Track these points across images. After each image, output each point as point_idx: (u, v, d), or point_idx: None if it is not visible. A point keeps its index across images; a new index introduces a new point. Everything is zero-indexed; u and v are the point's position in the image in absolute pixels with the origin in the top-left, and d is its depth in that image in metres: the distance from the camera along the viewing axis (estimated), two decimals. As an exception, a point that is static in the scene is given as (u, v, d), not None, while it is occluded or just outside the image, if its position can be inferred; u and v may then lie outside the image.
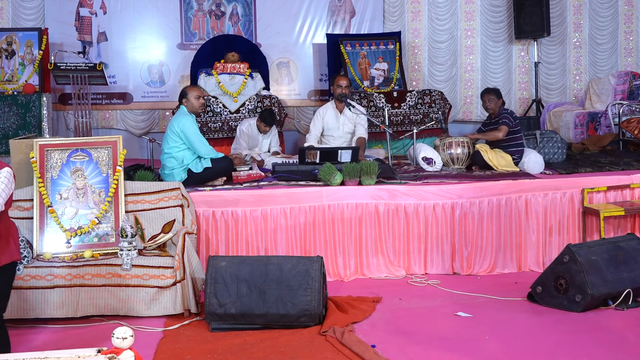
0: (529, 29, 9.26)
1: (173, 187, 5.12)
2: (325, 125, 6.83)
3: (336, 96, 6.73)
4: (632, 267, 4.50)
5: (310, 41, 9.34)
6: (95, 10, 8.89)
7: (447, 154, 6.44)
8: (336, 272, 5.35)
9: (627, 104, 8.08)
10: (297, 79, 9.33)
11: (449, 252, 5.43)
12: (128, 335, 2.43)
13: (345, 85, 6.69)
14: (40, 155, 4.94)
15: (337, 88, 6.71)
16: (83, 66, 7.81)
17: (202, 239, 5.27)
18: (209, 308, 4.19)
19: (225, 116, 7.89)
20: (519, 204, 5.53)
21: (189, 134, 5.68)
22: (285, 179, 5.78)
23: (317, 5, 9.32)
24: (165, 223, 4.92)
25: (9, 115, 7.76)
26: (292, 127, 9.09)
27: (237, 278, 4.23)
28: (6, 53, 8.23)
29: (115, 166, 5.00)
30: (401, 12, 9.51)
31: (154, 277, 4.47)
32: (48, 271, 4.42)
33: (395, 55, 8.80)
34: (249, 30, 9.19)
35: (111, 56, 8.92)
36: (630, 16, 9.83)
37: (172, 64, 9.07)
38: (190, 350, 3.88)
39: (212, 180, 5.82)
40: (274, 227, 5.32)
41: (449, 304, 4.63)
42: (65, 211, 4.90)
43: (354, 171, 5.50)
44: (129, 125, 8.95)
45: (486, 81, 9.51)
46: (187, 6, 9.09)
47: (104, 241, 4.87)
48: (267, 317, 4.18)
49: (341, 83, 6.70)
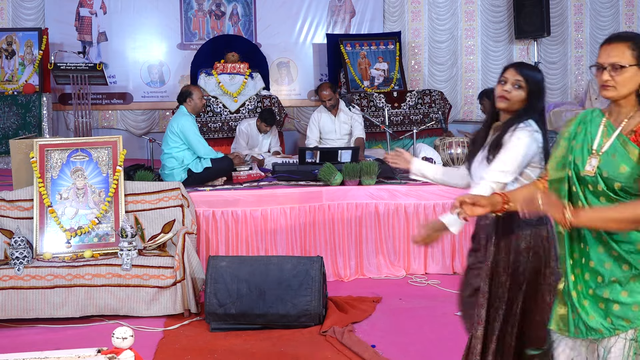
0: (529, 29, 9.25)
1: (173, 187, 5.12)
2: (322, 129, 6.81)
3: (327, 107, 6.72)
4: (632, 267, 4.50)
5: (310, 41, 9.33)
6: (95, 10, 8.89)
7: (447, 154, 6.44)
8: (336, 272, 5.35)
9: (627, 104, 8.07)
10: (297, 79, 9.32)
11: (449, 252, 5.43)
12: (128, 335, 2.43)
13: (327, 95, 6.60)
14: (40, 155, 4.93)
15: (322, 102, 6.71)
16: (83, 66, 7.80)
17: (202, 239, 5.27)
18: (209, 308, 4.19)
19: (225, 116, 7.88)
20: (519, 204, 5.52)
21: (188, 134, 5.68)
22: (285, 179, 5.77)
23: (317, 5, 9.31)
24: (165, 223, 4.92)
25: (9, 115, 7.76)
26: (292, 127, 9.09)
27: (237, 278, 4.22)
28: (6, 53, 8.23)
29: (115, 166, 5.00)
30: (401, 12, 9.51)
31: (154, 277, 4.47)
32: (48, 271, 4.42)
33: (395, 55, 8.79)
34: (249, 30, 9.19)
35: (111, 56, 8.92)
36: (631, 16, 9.82)
37: (172, 64, 9.06)
38: (190, 350, 3.88)
39: (212, 180, 5.82)
40: (274, 227, 5.32)
41: (449, 304, 4.62)
42: (65, 211, 4.89)
43: (354, 171, 5.50)
44: (129, 125, 8.95)
45: (486, 81, 9.50)
46: (187, 6, 9.08)
47: (104, 241, 4.87)
48: (267, 317, 4.18)
49: (323, 97, 6.65)
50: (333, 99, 6.66)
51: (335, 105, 6.70)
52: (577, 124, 2.18)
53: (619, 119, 2.11)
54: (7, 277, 4.36)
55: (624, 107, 2.10)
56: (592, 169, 2.08)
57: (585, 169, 2.10)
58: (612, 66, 2.06)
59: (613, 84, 2.07)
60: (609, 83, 2.07)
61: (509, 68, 2.72)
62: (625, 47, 2.06)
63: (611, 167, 2.05)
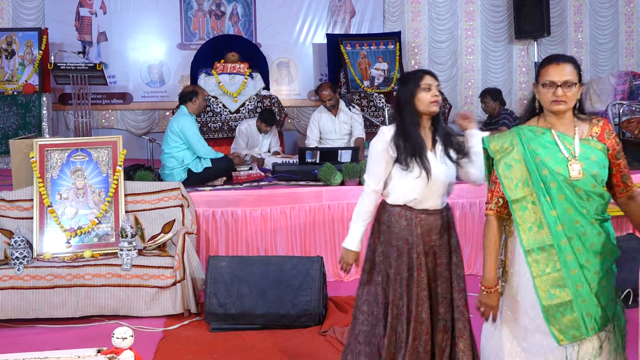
0: (529, 28, 9.25)
1: (173, 187, 5.12)
2: (322, 129, 6.81)
3: (327, 107, 6.72)
4: (632, 267, 4.50)
5: (310, 41, 9.34)
6: (95, 10, 8.89)
7: (447, 154, 6.43)
8: (336, 272, 5.35)
9: (627, 104, 8.08)
10: (297, 79, 9.32)
11: (449, 252, 5.43)
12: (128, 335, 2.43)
13: (327, 95, 6.63)
14: (40, 155, 4.93)
15: (322, 102, 6.72)
16: (83, 66, 7.80)
17: (202, 239, 5.27)
18: (209, 308, 4.19)
19: (225, 116, 7.88)
20: (519, 204, 5.52)
21: (188, 134, 5.68)
22: (285, 179, 5.77)
23: (317, 5, 9.31)
24: (165, 223, 4.92)
25: (9, 115, 7.76)
26: (292, 127, 9.09)
27: (237, 278, 4.22)
28: (6, 53, 8.23)
29: (115, 166, 5.00)
30: (401, 12, 9.51)
31: (154, 277, 4.47)
32: (48, 271, 4.42)
33: (395, 55, 8.79)
34: (249, 30, 9.19)
35: (111, 56, 8.92)
36: (630, 16, 9.82)
37: (172, 64, 9.06)
38: (190, 350, 3.88)
39: (212, 180, 5.82)
40: (274, 227, 5.32)
41: (449, 304, 4.62)
42: (65, 211, 4.89)
43: (354, 171, 5.50)
44: (129, 125, 8.95)
45: (486, 81, 9.50)
46: (187, 6, 9.09)
47: (104, 241, 4.87)
48: (267, 317, 4.18)
49: (323, 97, 6.67)
50: (333, 99, 6.66)
51: (336, 105, 6.70)
52: (522, 144, 2.38)
53: (568, 128, 2.39)
54: (7, 277, 4.36)
55: (567, 119, 2.39)
56: (579, 172, 2.31)
57: (572, 174, 2.32)
58: (564, 83, 2.32)
59: (565, 99, 2.33)
60: (562, 98, 2.32)
61: (429, 75, 2.81)
62: (572, 67, 2.35)
63: (596, 166, 2.34)
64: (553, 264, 2.32)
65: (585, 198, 2.33)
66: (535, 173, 2.34)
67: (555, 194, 2.32)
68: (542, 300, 2.33)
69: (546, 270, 2.32)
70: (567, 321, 2.31)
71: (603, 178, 2.36)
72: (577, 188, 2.32)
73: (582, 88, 2.40)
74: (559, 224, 2.32)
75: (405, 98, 2.79)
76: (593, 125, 2.42)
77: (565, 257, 2.32)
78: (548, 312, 2.33)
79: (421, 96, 2.77)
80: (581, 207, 2.32)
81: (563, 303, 2.31)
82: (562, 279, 2.31)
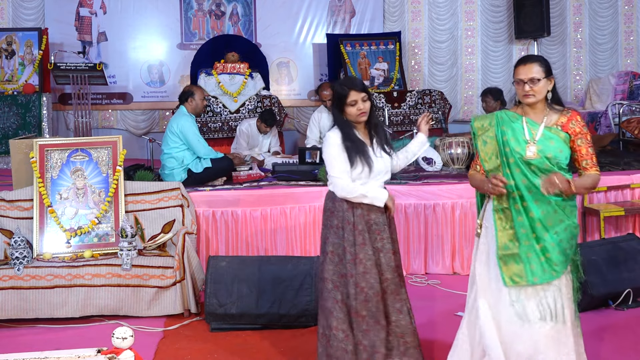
0: (529, 29, 9.26)
1: (173, 187, 5.12)
2: (322, 129, 6.81)
3: (327, 107, 6.73)
4: (632, 267, 4.50)
5: (310, 41, 9.34)
6: (95, 10, 8.89)
7: (447, 154, 6.44)
8: (336, 272, 5.35)
9: (627, 104, 8.08)
10: (297, 79, 9.33)
11: (449, 252, 5.43)
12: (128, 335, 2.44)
13: (328, 95, 6.60)
14: (40, 155, 4.93)
15: (322, 102, 6.72)
16: (83, 66, 7.80)
17: (202, 239, 5.27)
18: (209, 308, 4.19)
19: (225, 116, 7.89)
20: (519, 204, 5.52)
21: (188, 134, 5.68)
22: (285, 179, 5.78)
23: (317, 5, 9.32)
24: (165, 223, 4.92)
25: (9, 115, 7.76)
26: (292, 127, 9.09)
27: (237, 278, 4.22)
28: (6, 53, 8.24)
29: (115, 166, 5.00)
30: (401, 12, 9.51)
31: (154, 277, 4.47)
32: (48, 271, 4.42)
33: (395, 55, 8.80)
34: (249, 30, 9.19)
35: (111, 56, 8.92)
36: (630, 16, 9.83)
37: (172, 64, 9.07)
38: (190, 350, 3.88)
39: (212, 180, 5.82)
40: (274, 227, 5.32)
41: (449, 304, 4.63)
42: (65, 211, 4.89)
43: (354, 171, 5.50)
44: (129, 125, 8.95)
45: (486, 81, 9.51)
46: (187, 6, 9.09)
47: (104, 241, 4.87)
48: (267, 317, 4.18)
49: (324, 97, 6.67)
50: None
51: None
52: (497, 125, 2.92)
53: (538, 116, 2.89)
54: (7, 277, 4.36)
55: (538, 109, 2.91)
56: (533, 153, 2.82)
57: (527, 154, 2.83)
58: (530, 80, 2.84)
59: (532, 93, 2.85)
60: (529, 92, 2.84)
61: (353, 90, 3.14)
62: (538, 65, 2.85)
63: (552, 150, 2.82)
64: (510, 223, 2.87)
65: (539, 175, 2.80)
66: (502, 149, 2.88)
67: (513, 167, 2.84)
68: (499, 250, 2.89)
69: (506, 227, 2.89)
70: (515, 269, 2.85)
71: (559, 161, 2.82)
72: (532, 166, 2.82)
73: (552, 81, 2.90)
74: (515, 191, 2.84)
75: (336, 113, 3.21)
76: (562, 116, 2.89)
77: (517, 219, 2.84)
78: (501, 259, 2.89)
79: (348, 111, 3.16)
80: (533, 180, 2.81)
81: (513, 254, 2.86)
82: (514, 236, 2.86)
